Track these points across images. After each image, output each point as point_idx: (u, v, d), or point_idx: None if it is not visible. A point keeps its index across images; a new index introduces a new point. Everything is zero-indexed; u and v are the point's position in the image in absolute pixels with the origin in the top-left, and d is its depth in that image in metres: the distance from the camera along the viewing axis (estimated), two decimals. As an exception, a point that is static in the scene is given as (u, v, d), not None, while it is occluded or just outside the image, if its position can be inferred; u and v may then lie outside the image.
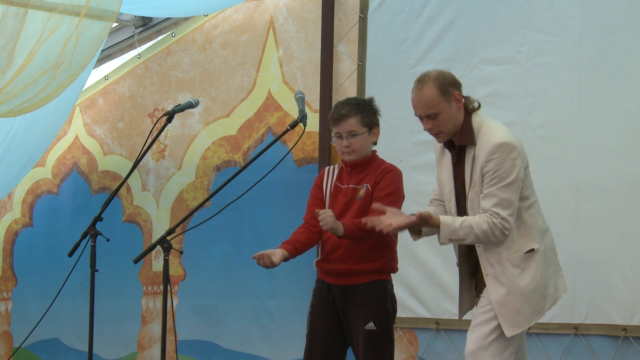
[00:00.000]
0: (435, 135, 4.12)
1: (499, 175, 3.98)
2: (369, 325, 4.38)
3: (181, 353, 7.15)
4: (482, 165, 4.02)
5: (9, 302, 8.11)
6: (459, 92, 4.10)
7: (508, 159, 3.99)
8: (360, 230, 4.26)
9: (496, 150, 3.99)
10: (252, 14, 7.07)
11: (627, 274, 5.40)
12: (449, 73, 4.14)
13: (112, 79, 7.68)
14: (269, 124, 6.94)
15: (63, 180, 7.89)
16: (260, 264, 4.33)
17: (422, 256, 6.03)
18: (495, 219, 3.97)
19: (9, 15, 5.36)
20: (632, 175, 5.41)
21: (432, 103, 4.04)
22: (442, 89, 4.05)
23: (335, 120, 4.47)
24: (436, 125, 4.07)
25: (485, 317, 4.04)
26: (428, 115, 4.06)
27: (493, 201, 3.98)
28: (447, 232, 4.00)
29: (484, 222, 3.97)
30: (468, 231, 3.98)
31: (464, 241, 4.02)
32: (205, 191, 7.15)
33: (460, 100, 4.09)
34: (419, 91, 4.08)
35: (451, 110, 4.06)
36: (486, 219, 3.98)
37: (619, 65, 5.50)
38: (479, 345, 4.00)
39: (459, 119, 4.09)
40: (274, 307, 6.81)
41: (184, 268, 7.25)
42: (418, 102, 4.09)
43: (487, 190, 4.00)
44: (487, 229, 3.97)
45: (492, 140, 4.01)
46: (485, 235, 3.98)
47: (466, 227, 3.99)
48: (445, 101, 4.05)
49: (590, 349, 5.53)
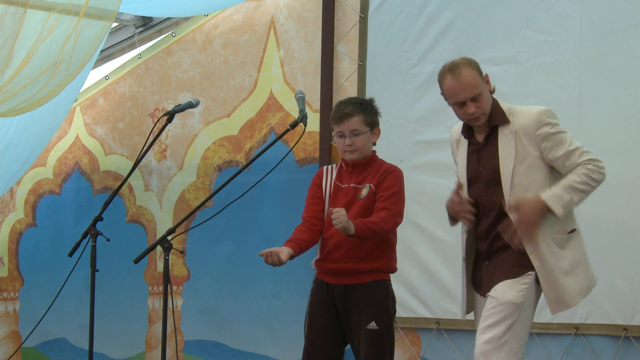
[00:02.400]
0: (476, 118, 4.11)
1: (559, 133, 4.05)
2: (371, 325, 4.38)
3: (188, 353, 7.16)
4: (534, 133, 4.03)
5: (17, 302, 8.12)
6: (487, 74, 4.15)
7: (557, 121, 4.07)
8: (370, 230, 4.27)
9: (542, 115, 4.05)
10: (252, 13, 7.07)
11: (628, 274, 5.40)
12: None
13: (112, 79, 7.68)
14: (271, 124, 6.94)
15: (65, 181, 7.89)
16: (268, 262, 4.32)
17: (422, 256, 6.03)
18: (588, 165, 4.01)
19: (8, 14, 5.36)
20: (632, 175, 5.41)
21: (476, 83, 4.07)
22: (479, 70, 4.11)
23: (338, 119, 4.47)
24: (479, 107, 4.08)
25: (498, 317, 4.00)
26: (474, 97, 4.06)
27: (576, 154, 4.03)
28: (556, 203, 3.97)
29: (579, 173, 4.00)
30: (571, 191, 3.99)
31: (574, 202, 4.01)
32: (207, 191, 7.15)
33: (489, 82, 4.15)
34: (459, 76, 4.07)
35: (487, 92, 4.12)
36: (579, 169, 4.01)
37: (620, 65, 5.50)
38: (492, 347, 3.97)
39: (491, 101, 4.14)
40: (279, 307, 6.82)
41: (188, 268, 7.25)
42: (462, 86, 4.07)
43: (561, 153, 4.02)
44: (585, 177, 3.99)
45: (534, 110, 4.08)
46: (588, 185, 4.00)
47: (568, 188, 3.99)
48: (483, 81, 4.10)
49: (591, 348, 5.53)
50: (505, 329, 3.98)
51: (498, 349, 3.97)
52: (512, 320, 3.99)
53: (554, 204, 3.97)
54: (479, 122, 4.13)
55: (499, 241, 4.12)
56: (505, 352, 3.97)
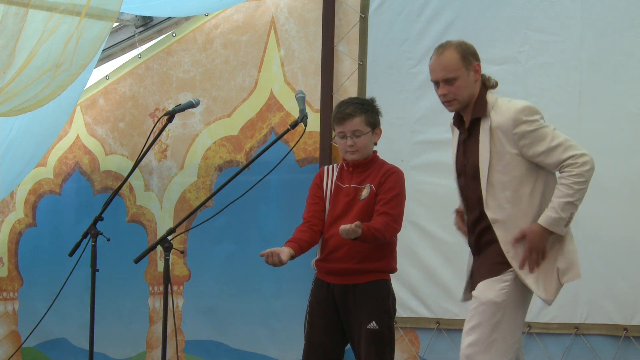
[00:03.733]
0: (448, 102, 4.10)
1: (539, 130, 3.98)
2: (372, 325, 4.38)
3: (189, 353, 7.16)
4: (511, 132, 3.98)
5: (16, 302, 8.12)
6: (479, 63, 4.11)
7: (536, 117, 3.99)
8: (373, 237, 4.27)
9: (522, 112, 3.99)
10: (252, 13, 7.07)
11: (628, 274, 5.40)
12: (470, 44, 4.14)
13: (112, 79, 7.68)
14: (271, 124, 6.94)
15: (65, 180, 7.89)
16: (268, 262, 4.32)
17: (422, 256, 6.04)
18: (572, 163, 3.96)
19: (10, 14, 5.37)
20: (632, 175, 5.41)
21: (452, 67, 4.04)
22: (463, 56, 4.06)
23: (340, 119, 4.47)
24: (452, 91, 4.06)
25: (480, 318, 3.96)
26: (446, 79, 4.05)
27: (559, 150, 3.97)
28: (557, 225, 3.96)
29: (567, 183, 3.96)
30: (565, 207, 3.95)
31: (574, 214, 3.97)
32: (208, 191, 7.15)
33: (479, 72, 4.10)
34: (440, 55, 4.08)
35: (469, 79, 4.07)
36: (565, 176, 3.96)
37: (620, 65, 5.50)
38: (477, 349, 3.92)
39: (475, 91, 4.09)
40: (280, 307, 6.82)
41: (189, 268, 7.25)
42: (437, 65, 4.08)
43: (542, 149, 3.97)
44: (573, 183, 3.95)
45: (512, 107, 4.01)
46: (578, 189, 3.95)
47: (563, 205, 3.95)
48: (464, 68, 4.06)
49: (591, 348, 5.53)
50: (490, 329, 3.94)
51: (484, 350, 3.92)
52: (496, 319, 3.94)
53: (557, 229, 3.97)
54: (452, 107, 4.12)
55: (486, 235, 4.10)
56: (493, 353, 3.92)
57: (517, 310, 4.01)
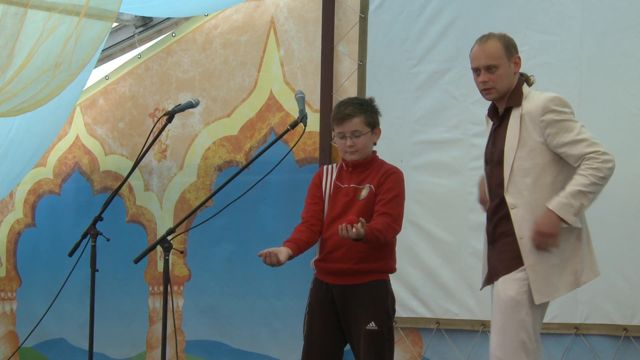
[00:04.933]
0: (487, 90, 4.16)
1: (566, 121, 4.03)
2: (371, 325, 4.38)
3: (189, 353, 7.16)
4: (539, 119, 4.03)
5: (14, 302, 8.12)
6: (519, 56, 4.18)
7: (566, 109, 4.05)
8: (375, 238, 4.27)
9: (550, 102, 4.05)
10: (252, 13, 7.07)
11: (628, 274, 5.40)
12: (511, 37, 4.21)
13: (112, 79, 7.68)
14: (271, 124, 6.94)
15: (65, 181, 7.89)
16: (266, 262, 4.32)
17: (422, 256, 6.03)
18: (595, 162, 3.97)
19: (9, 14, 5.37)
20: (633, 175, 5.41)
21: (495, 55, 4.12)
22: (507, 46, 4.15)
23: (339, 119, 4.47)
24: (492, 79, 4.12)
25: (506, 316, 3.99)
26: (488, 66, 4.12)
27: (583, 144, 4.00)
28: (567, 212, 3.97)
29: (584, 174, 3.97)
30: (579, 196, 3.96)
31: (585, 205, 4.00)
32: (208, 191, 7.15)
33: (519, 65, 4.18)
34: (484, 43, 4.16)
35: (509, 70, 4.14)
36: (584, 167, 3.98)
37: (620, 65, 5.50)
38: (508, 350, 3.96)
39: (513, 82, 4.16)
40: (281, 307, 6.82)
41: (189, 268, 7.25)
42: (481, 52, 4.16)
43: (567, 140, 4.01)
44: (590, 176, 3.96)
45: (543, 96, 4.08)
46: (594, 182, 3.96)
47: (576, 194, 3.97)
48: (506, 58, 4.14)
49: (591, 348, 5.53)
50: (516, 328, 3.98)
51: (514, 351, 3.96)
52: (520, 317, 3.98)
53: (566, 214, 3.98)
54: (490, 96, 4.17)
55: (502, 226, 4.13)
56: (523, 356, 3.96)
57: (538, 305, 4.04)
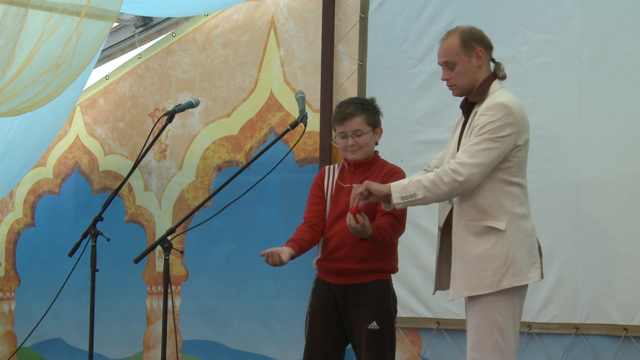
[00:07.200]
0: (450, 87, 4.14)
1: (485, 130, 3.92)
2: (372, 325, 4.39)
3: (186, 353, 7.15)
4: (477, 118, 3.99)
5: (12, 302, 8.12)
6: (483, 49, 4.09)
7: (500, 120, 3.93)
8: (381, 237, 4.29)
9: (493, 107, 3.96)
10: (252, 13, 7.07)
11: (628, 274, 5.40)
12: (480, 30, 4.14)
13: (112, 79, 7.68)
14: (271, 124, 6.94)
15: (64, 180, 7.89)
16: (269, 262, 4.33)
17: (422, 256, 6.03)
18: (449, 166, 3.93)
19: (9, 15, 5.37)
20: (633, 175, 5.41)
21: (450, 52, 4.07)
22: (464, 41, 4.06)
23: (341, 119, 4.47)
24: (452, 77, 4.09)
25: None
26: (445, 62, 4.09)
27: (467, 154, 3.93)
28: (397, 191, 3.95)
29: (437, 172, 3.94)
30: (417, 185, 3.93)
31: (417, 197, 3.93)
32: (206, 191, 7.15)
33: (482, 58, 4.08)
34: (443, 40, 4.13)
35: (469, 65, 4.07)
36: (442, 168, 3.94)
37: (620, 65, 5.50)
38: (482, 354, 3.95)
39: (477, 77, 4.09)
40: (279, 307, 6.82)
41: (187, 268, 7.25)
42: (439, 49, 4.13)
43: (467, 143, 3.96)
44: (435, 177, 3.92)
45: (495, 100, 3.99)
46: (434, 184, 3.91)
47: (415, 182, 3.95)
48: (464, 54, 4.06)
49: (591, 348, 5.53)
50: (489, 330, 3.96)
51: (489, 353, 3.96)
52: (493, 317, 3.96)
53: (395, 193, 3.96)
54: (455, 93, 4.14)
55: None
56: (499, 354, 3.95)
57: (512, 300, 4.00)
